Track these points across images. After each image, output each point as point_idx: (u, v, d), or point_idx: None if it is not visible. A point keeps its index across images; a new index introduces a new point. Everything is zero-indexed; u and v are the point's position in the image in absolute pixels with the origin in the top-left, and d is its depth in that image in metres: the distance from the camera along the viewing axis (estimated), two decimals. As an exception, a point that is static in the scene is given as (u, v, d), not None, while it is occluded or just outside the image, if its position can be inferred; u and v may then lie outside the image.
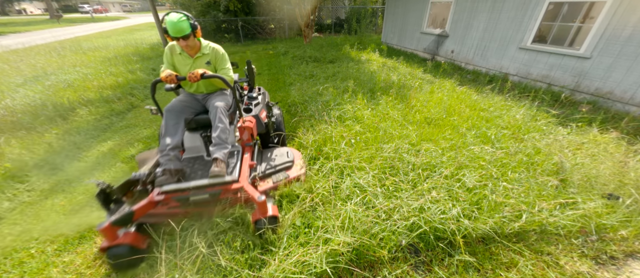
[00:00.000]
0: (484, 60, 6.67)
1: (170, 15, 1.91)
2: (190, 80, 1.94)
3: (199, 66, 2.15)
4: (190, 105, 2.24)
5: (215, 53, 2.22)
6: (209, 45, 2.21)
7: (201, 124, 2.27)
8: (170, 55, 2.17)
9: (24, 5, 41.60)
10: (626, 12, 4.06)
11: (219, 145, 2.04)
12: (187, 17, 1.95)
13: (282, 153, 2.56)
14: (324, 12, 17.51)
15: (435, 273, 1.71)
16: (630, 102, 4.16)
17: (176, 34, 1.92)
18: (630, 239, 1.91)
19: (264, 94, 3.11)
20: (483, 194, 2.03)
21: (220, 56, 2.24)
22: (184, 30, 1.93)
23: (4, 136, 3.45)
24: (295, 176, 2.34)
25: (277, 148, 2.68)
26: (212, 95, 2.35)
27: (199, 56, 2.16)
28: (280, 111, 3.15)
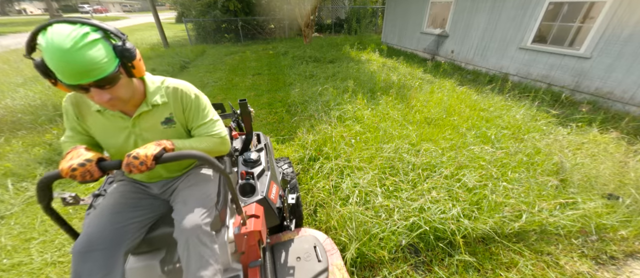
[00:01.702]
0: (484, 60, 6.67)
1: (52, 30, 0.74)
2: (134, 171, 0.86)
3: (150, 133, 1.07)
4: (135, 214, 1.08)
5: (180, 100, 1.10)
6: (166, 85, 1.09)
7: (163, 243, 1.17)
8: (75, 117, 1.03)
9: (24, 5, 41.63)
10: (626, 12, 4.07)
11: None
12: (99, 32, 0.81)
13: (306, 249, 1.52)
14: (324, 12, 17.52)
15: (435, 273, 1.71)
16: (631, 102, 4.16)
17: (77, 79, 0.77)
18: (630, 239, 1.91)
19: (267, 148, 1.84)
20: (483, 194, 2.03)
21: (191, 104, 1.11)
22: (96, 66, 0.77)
23: (4, 136, 3.45)
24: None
25: (296, 240, 1.59)
26: (181, 182, 1.21)
27: (145, 111, 1.04)
28: (290, 166, 2.09)
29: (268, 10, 13.62)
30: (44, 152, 3.21)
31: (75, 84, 0.78)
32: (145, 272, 1.14)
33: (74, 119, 1.03)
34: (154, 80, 1.08)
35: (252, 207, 1.29)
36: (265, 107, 4.61)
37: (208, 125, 1.14)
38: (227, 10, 12.55)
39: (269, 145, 1.94)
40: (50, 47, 0.73)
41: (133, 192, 1.15)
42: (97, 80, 0.79)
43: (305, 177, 2.56)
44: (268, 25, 14.46)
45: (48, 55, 0.74)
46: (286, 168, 2.05)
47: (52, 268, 1.83)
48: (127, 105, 1.00)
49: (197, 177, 1.22)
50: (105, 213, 1.02)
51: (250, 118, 1.72)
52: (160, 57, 8.49)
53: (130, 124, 1.04)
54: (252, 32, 13.82)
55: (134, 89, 0.98)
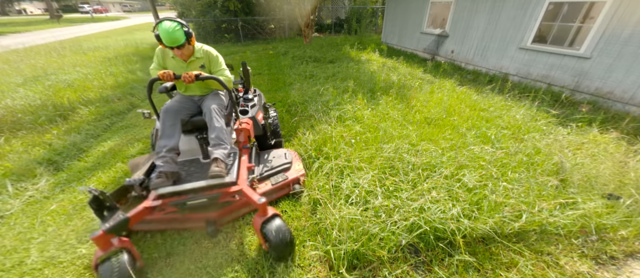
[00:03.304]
0: (484, 60, 6.67)
1: (164, 23, 1.86)
2: (185, 80, 1.91)
3: (193, 69, 2.14)
4: (186, 107, 2.22)
5: (208, 56, 2.20)
6: (202, 48, 2.19)
7: (197, 125, 2.25)
8: (161, 58, 2.16)
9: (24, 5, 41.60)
10: (626, 12, 4.06)
11: (217, 145, 2.00)
12: (181, 26, 1.92)
13: (280, 154, 2.56)
14: (324, 12, 17.52)
15: (435, 273, 1.71)
16: (631, 102, 4.16)
17: (171, 44, 1.90)
18: (630, 239, 1.91)
19: (259, 96, 3.06)
20: (483, 194, 2.02)
21: (214, 58, 2.22)
22: (179, 39, 1.91)
23: (4, 136, 3.45)
24: (294, 178, 2.32)
25: (274, 150, 2.67)
26: (207, 97, 2.32)
27: (192, 60, 2.15)
28: (276, 113, 3.18)
29: (268, 10, 13.61)
30: (44, 152, 3.21)
31: (170, 46, 1.95)
32: (188, 139, 2.28)
33: (160, 59, 2.18)
34: (198, 45, 2.19)
35: (246, 119, 2.48)
36: (265, 107, 4.60)
37: (221, 70, 2.26)
38: (227, 10, 12.54)
39: (261, 95, 3.15)
40: (162, 30, 1.87)
41: (183, 97, 2.29)
42: (178, 45, 1.95)
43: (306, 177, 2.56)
44: (268, 25, 14.45)
45: (161, 33, 1.88)
46: (272, 112, 3.16)
47: (52, 268, 1.83)
48: (185, 56, 2.11)
49: (216, 97, 2.32)
50: (174, 101, 2.20)
51: (249, 75, 3.03)
52: (160, 57, 8.47)
53: (185, 65, 2.17)
54: (252, 32, 13.81)
55: (189, 50, 2.12)
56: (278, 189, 2.30)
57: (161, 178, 1.81)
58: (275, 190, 2.29)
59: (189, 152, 2.28)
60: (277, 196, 2.33)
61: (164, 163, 1.88)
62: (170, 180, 1.85)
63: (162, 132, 1.99)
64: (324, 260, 1.83)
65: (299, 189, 2.30)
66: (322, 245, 1.86)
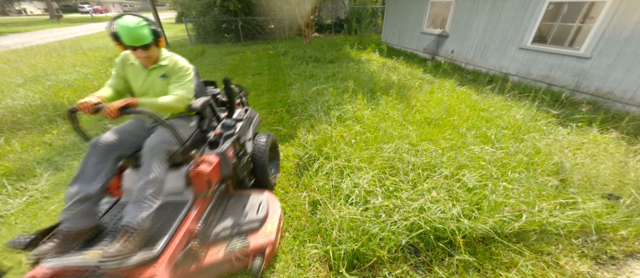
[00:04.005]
0: (484, 60, 6.67)
1: (124, 18, 1.47)
2: (106, 116, 1.34)
3: (153, 80, 1.71)
4: (132, 137, 1.66)
5: (173, 66, 1.73)
6: (172, 56, 1.76)
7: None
8: (121, 67, 1.72)
9: (24, 5, 41.61)
10: (626, 12, 4.06)
11: (136, 204, 1.41)
12: (147, 23, 1.53)
13: (254, 204, 1.90)
14: (324, 12, 17.52)
15: (435, 273, 1.71)
16: (631, 102, 4.16)
17: (133, 43, 1.48)
18: (630, 239, 1.91)
19: (249, 120, 2.40)
20: (483, 194, 2.02)
21: (177, 70, 1.72)
22: (144, 38, 1.50)
23: (4, 136, 3.45)
24: (258, 246, 1.65)
25: (251, 196, 2.00)
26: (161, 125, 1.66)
27: (154, 68, 1.70)
28: (269, 139, 2.44)
29: (268, 10, 13.61)
30: (43, 152, 3.21)
31: (132, 46, 1.51)
32: (129, 178, 1.75)
33: (119, 69, 1.73)
34: (165, 52, 1.76)
35: (211, 157, 1.78)
36: (265, 107, 4.61)
37: (175, 86, 1.70)
38: (227, 10, 12.55)
39: (253, 119, 2.50)
40: (122, 26, 1.46)
41: (134, 124, 1.77)
42: (143, 45, 1.53)
43: (306, 177, 2.56)
44: (268, 25, 14.45)
45: (121, 30, 1.46)
46: (262, 140, 2.38)
47: (52, 268, 1.83)
48: (148, 61, 1.66)
49: (175, 123, 1.77)
50: (116, 129, 1.63)
51: (233, 95, 2.30)
52: (160, 57, 8.47)
53: (144, 74, 1.71)
54: (252, 32, 13.81)
55: (155, 54, 1.66)
56: (230, 261, 1.60)
57: (53, 242, 1.31)
58: (226, 263, 1.60)
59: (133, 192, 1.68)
60: (226, 271, 1.68)
61: (70, 219, 1.35)
62: (71, 243, 1.34)
63: (78, 173, 1.44)
64: (324, 260, 1.83)
65: (257, 269, 1.57)
66: (322, 245, 1.86)
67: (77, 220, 1.37)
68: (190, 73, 1.79)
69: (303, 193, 2.35)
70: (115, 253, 1.24)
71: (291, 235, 2.04)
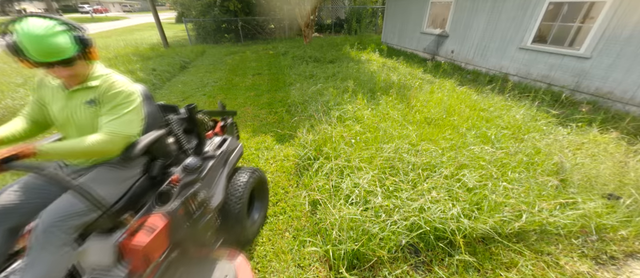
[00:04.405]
0: (484, 60, 6.67)
1: (27, 22, 0.97)
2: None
3: (74, 107, 1.18)
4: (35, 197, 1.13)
5: (107, 88, 1.18)
6: (108, 75, 1.22)
7: None
8: (37, 88, 1.25)
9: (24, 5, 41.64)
10: (626, 12, 4.07)
11: None
12: (67, 27, 1.03)
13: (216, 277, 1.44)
14: (324, 12, 17.52)
15: (435, 273, 1.71)
16: (631, 102, 4.16)
17: (44, 57, 0.98)
18: (630, 239, 1.91)
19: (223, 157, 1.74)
20: (483, 194, 2.03)
21: (111, 96, 1.17)
22: (60, 50, 0.99)
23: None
24: None
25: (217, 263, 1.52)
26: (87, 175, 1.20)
27: (78, 90, 1.18)
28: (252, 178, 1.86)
29: (268, 10, 13.61)
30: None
31: (41, 62, 0.98)
32: None
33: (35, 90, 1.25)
34: (103, 69, 1.24)
35: (156, 218, 1.20)
36: (265, 107, 4.61)
37: (107, 118, 1.16)
38: (227, 10, 12.55)
39: (231, 155, 1.83)
40: (24, 33, 0.94)
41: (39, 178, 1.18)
42: (60, 60, 1.01)
43: (306, 177, 2.56)
44: (268, 25, 14.45)
45: (24, 39, 0.94)
46: (241, 179, 1.79)
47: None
48: (73, 80, 1.15)
49: (106, 174, 1.21)
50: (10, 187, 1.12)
51: (197, 125, 1.66)
52: (160, 57, 8.48)
53: (65, 96, 1.19)
54: (252, 32, 13.82)
55: (83, 71, 1.15)
56: None
57: None
58: None
59: None
60: None
61: None
62: None
63: None
64: (324, 260, 1.83)
65: None
66: (322, 245, 1.86)
67: None
68: (133, 100, 1.22)
69: (303, 193, 2.35)
70: None
71: (291, 235, 2.04)
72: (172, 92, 5.54)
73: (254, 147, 3.29)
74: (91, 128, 1.19)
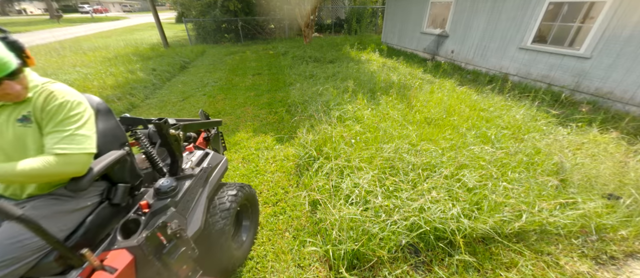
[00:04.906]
0: (484, 60, 6.67)
1: None
2: None
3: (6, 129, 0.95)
4: None
5: (44, 101, 0.98)
6: (44, 85, 1.02)
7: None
8: None
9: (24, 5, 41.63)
10: (626, 12, 4.06)
11: None
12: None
13: None
14: (324, 12, 17.52)
15: (435, 273, 1.71)
16: (631, 102, 4.16)
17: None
18: (630, 239, 1.91)
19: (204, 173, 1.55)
20: (483, 194, 2.03)
21: (50, 111, 0.97)
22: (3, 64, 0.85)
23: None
24: None
25: None
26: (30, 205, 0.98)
27: (4, 105, 0.96)
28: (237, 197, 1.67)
29: (268, 11, 13.61)
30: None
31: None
32: None
33: None
34: (38, 79, 1.02)
35: (119, 254, 1.02)
36: (265, 107, 4.61)
37: (54, 136, 0.95)
38: (227, 10, 12.55)
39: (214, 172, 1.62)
40: None
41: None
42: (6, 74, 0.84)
43: (306, 177, 2.56)
44: (268, 25, 14.46)
45: None
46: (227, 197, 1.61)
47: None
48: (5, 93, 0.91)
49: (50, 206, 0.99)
50: None
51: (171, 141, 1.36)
52: (160, 57, 8.49)
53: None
54: (252, 32, 13.82)
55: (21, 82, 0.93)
56: None
57: None
58: None
59: None
60: None
61: None
62: None
63: None
64: (324, 260, 1.83)
65: None
66: (322, 245, 1.86)
67: None
68: (82, 112, 1.03)
69: (303, 193, 2.35)
70: None
71: (291, 235, 2.04)
72: (172, 92, 5.54)
73: (254, 147, 3.29)
74: (22, 151, 0.95)
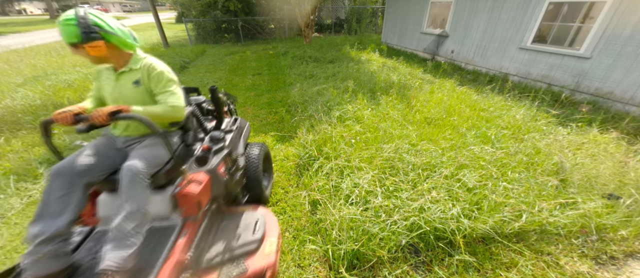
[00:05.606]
0: (484, 60, 6.67)
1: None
2: (93, 120, 1.22)
3: (122, 87, 1.46)
4: (103, 159, 1.41)
5: (148, 69, 1.46)
6: (146, 59, 1.49)
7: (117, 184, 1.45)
8: (97, 73, 1.54)
9: (24, 5, 41.62)
10: (626, 12, 4.06)
11: (116, 241, 1.18)
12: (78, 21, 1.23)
13: (249, 223, 1.70)
14: (324, 12, 17.52)
15: (435, 273, 1.71)
16: (631, 102, 4.16)
17: (64, 39, 1.27)
18: (630, 239, 1.91)
19: (239, 130, 2.14)
20: (483, 194, 2.03)
21: (155, 75, 1.46)
22: (70, 35, 1.23)
23: (4, 136, 3.45)
24: (258, 270, 1.45)
25: (245, 213, 1.79)
26: (141, 141, 1.53)
27: (124, 72, 1.45)
28: (261, 150, 2.26)
29: (268, 11, 13.61)
30: (44, 152, 3.21)
31: (67, 42, 1.25)
32: (105, 204, 1.49)
33: (96, 75, 1.54)
34: (141, 55, 1.50)
35: (200, 175, 1.56)
36: (265, 107, 4.61)
37: (165, 94, 1.47)
38: (227, 11, 12.55)
39: (243, 130, 2.25)
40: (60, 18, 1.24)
41: (104, 143, 1.50)
42: (70, 42, 1.24)
43: (306, 177, 2.56)
44: (268, 25, 14.46)
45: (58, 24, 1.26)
46: (255, 152, 2.20)
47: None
48: (119, 61, 1.44)
49: (153, 141, 1.50)
50: (82, 152, 1.38)
51: (221, 104, 2.03)
52: (161, 57, 8.46)
53: (114, 78, 1.46)
54: (252, 32, 13.82)
55: (120, 54, 1.42)
56: None
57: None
58: None
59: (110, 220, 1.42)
60: None
61: (36, 263, 1.11)
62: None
63: (39, 210, 1.20)
64: (324, 259, 1.83)
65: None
66: (322, 244, 1.86)
67: (45, 264, 1.12)
68: (172, 77, 1.52)
69: (303, 193, 2.35)
70: None
71: (291, 235, 2.04)
72: (172, 92, 5.53)
73: (254, 147, 3.29)
74: (139, 103, 1.46)
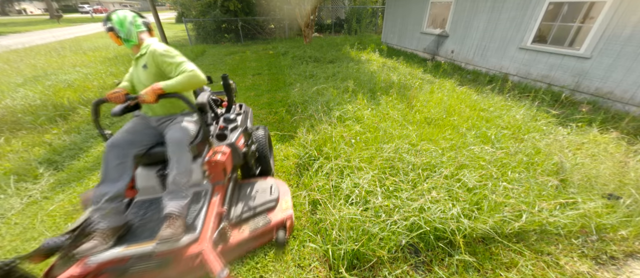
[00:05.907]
0: (484, 60, 6.67)
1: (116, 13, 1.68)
2: (142, 101, 1.53)
3: (138, 71, 1.74)
4: (142, 136, 1.74)
5: (151, 53, 1.68)
6: (150, 45, 1.72)
7: (158, 158, 1.80)
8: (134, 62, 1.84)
9: (24, 5, 41.62)
10: (626, 12, 4.06)
11: (173, 194, 1.55)
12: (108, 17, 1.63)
13: (264, 188, 2.09)
14: (324, 12, 17.52)
15: (435, 273, 1.71)
16: (631, 102, 4.16)
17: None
18: (630, 239, 1.91)
19: (245, 114, 2.54)
20: (483, 194, 2.03)
21: (160, 55, 1.67)
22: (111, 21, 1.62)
23: (4, 136, 3.45)
24: (279, 221, 1.86)
25: (259, 181, 2.18)
26: (171, 121, 1.84)
27: (137, 57, 1.75)
28: (265, 132, 2.61)
29: (268, 10, 13.61)
30: (44, 152, 3.21)
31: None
32: (147, 174, 1.82)
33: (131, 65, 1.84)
34: (149, 41, 1.76)
35: (222, 147, 1.94)
36: (265, 107, 4.61)
37: (179, 65, 1.67)
38: (227, 10, 12.55)
39: (248, 113, 2.65)
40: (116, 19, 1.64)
41: (140, 122, 1.82)
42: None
43: (306, 177, 2.56)
44: (268, 25, 14.45)
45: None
46: (260, 132, 2.56)
47: (52, 268, 1.83)
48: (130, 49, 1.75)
49: (182, 119, 1.83)
50: (124, 131, 1.71)
51: (231, 90, 2.38)
52: (160, 57, 8.47)
53: (134, 62, 1.79)
54: (252, 32, 13.82)
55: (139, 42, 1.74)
56: (257, 237, 1.84)
57: (95, 240, 1.35)
58: (253, 239, 1.84)
59: (147, 190, 1.83)
60: (254, 246, 1.89)
61: (102, 219, 1.42)
62: (109, 240, 1.41)
63: (103, 175, 1.53)
64: (324, 259, 1.83)
65: (283, 238, 1.82)
66: (322, 244, 1.86)
67: (110, 218, 1.45)
68: (177, 53, 1.72)
69: (303, 193, 2.35)
70: (169, 236, 1.39)
71: (291, 235, 2.04)
72: (172, 92, 5.53)
73: (254, 147, 3.29)
74: (150, 82, 1.69)
